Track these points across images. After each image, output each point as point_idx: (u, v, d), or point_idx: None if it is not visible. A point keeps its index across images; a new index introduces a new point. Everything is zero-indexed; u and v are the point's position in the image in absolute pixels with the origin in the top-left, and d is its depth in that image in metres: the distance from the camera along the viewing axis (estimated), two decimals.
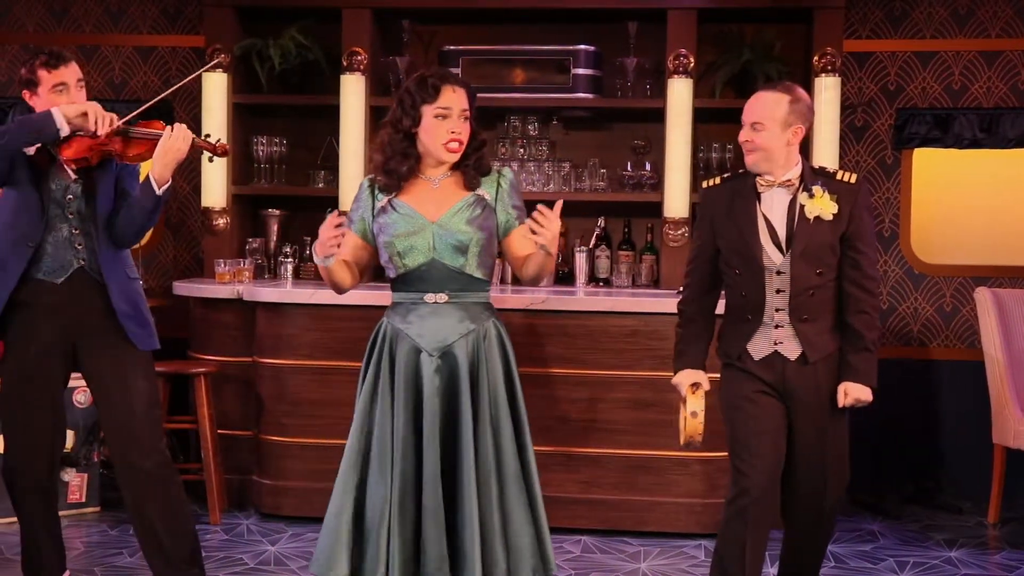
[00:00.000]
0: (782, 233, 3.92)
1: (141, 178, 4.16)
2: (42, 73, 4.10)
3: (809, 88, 5.98)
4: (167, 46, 6.61)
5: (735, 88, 6.18)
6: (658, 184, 6.18)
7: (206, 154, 4.23)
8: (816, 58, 5.94)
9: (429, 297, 3.63)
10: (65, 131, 4.02)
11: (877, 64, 6.29)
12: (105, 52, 6.62)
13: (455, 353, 3.60)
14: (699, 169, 6.17)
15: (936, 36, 6.24)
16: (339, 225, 3.49)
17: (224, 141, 4.27)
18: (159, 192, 4.06)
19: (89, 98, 6.60)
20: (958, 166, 6.38)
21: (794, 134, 3.91)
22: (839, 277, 3.94)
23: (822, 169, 4.05)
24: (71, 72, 4.14)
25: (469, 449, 3.55)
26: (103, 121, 4.01)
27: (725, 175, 4.11)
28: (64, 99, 4.10)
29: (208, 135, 4.37)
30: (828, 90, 5.92)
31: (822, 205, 3.89)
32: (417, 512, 3.56)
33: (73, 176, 4.15)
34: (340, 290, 3.73)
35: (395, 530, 3.53)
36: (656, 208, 6.11)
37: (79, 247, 4.15)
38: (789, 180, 3.93)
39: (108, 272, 4.15)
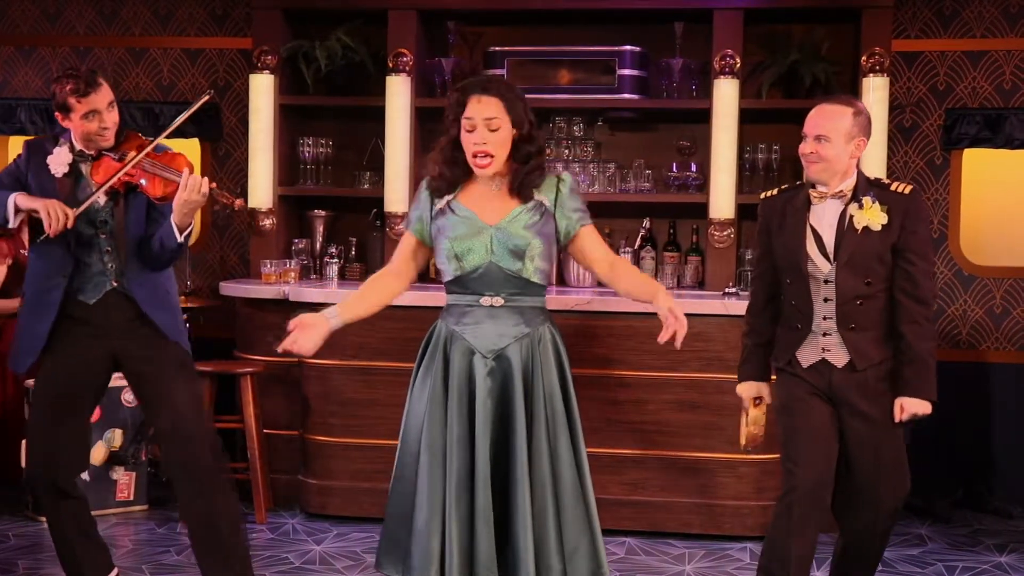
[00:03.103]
0: (830, 243, 3.95)
1: None
2: (72, 101, 4.04)
3: (857, 88, 5.94)
4: (215, 48, 6.65)
5: (782, 89, 6.15)
6: (704, 185, 6.15)
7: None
8: (864, 58, 5.89)
9: (485, 300, 3.62)
10: (12, 222, 4.07)
11: (926, 64, 6.23)
12: (154, 54, 6.68)
13: (509, 356, 3.59)
14: (745, 170, 6.14)
15: (987, 35, 6.17)
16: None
17: (242, 199, 4.21)
18: (179, 239, 4.06)
19: (137, 100, 6.70)
20: (1008, 166, 6.31)
21: (856, 147, 3.95)
22: (891, 288, 3.95)
23: (877, 180, 4.06)
24: (101, 97, 4.06)
25: (522, 454, 3.54)
26: (57, 221, 3.97)
27: (783, 187, 4.18)
28: (95, 124, 4.07)
29: (230, 195, 4.18)
30: (876, 90, 5.87)
31: (871, 216, 3.91)
32: (470, 513, 3.56)
33: (103, 198, 4.15)
34: (382, 308, 3.83)
35: (452, 531, 3.53)
36: (702, 209, 6.08)
37: (111, 267, 4.16)
38: (842, 191, 3.96)
39: (137, 291, 4.17)
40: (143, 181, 4.08)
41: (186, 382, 4.22)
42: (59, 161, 4.15)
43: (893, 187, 4.00)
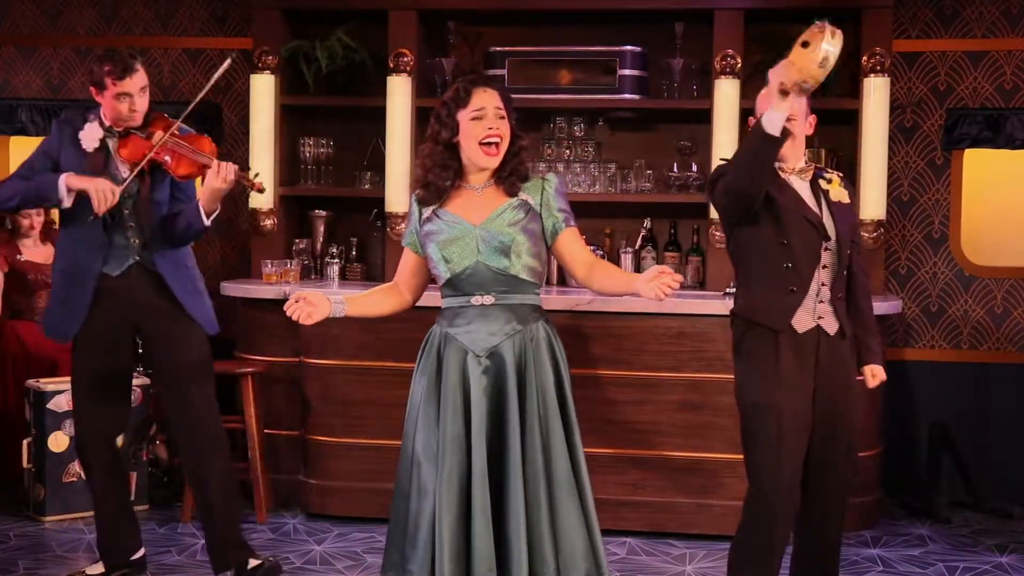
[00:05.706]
0: (823, 213, 4.01)
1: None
2: (108, 81, 4.34)
3: (858, 88, 5.94)
4: (215, 48, 6.65)
5: None
6: (704, 185, 6.15)
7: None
8: (865, 58, 5.89)
9: (476, 299, 3.64)
10: (66, 203, 4.33)
11: (927, 64, 6.23)
12: (154, 54, 6.68)
13: (502, 354, 3.60)
14: None
15: (987, 35, 6.17)
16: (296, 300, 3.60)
17: (262, 180, 4.52)
18: (207, 222, 4.34)
19: None
20: (1009, 167, 6.31)
21: (809, 124, 4.05)
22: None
23: (810, 162, 4.14)
24: (135, 82, 4.36)
25: (516, 449, 3.55)
26: (105, 200, 4.26)
27: None
28: (125, 107, 4.36)
29: (251, 172, 4.56)
30: (877, 90, 5.87)
31: (839, 190, 4.06)
32: (467, 511, 3.56)
33: (129, 174, 4.39)
34: (386, 315, 3.84)
35: (443, 529, 3.53)
36: (702, 209, 6.08)
37: (135, 243, 4.42)
38: (802, 168, 4.03)
39: (161, 264, 4.44)
40: (168, 159, 4.36)
41: (194, 350, 4.52)
42: (90, 137, 4.41)
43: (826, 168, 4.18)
